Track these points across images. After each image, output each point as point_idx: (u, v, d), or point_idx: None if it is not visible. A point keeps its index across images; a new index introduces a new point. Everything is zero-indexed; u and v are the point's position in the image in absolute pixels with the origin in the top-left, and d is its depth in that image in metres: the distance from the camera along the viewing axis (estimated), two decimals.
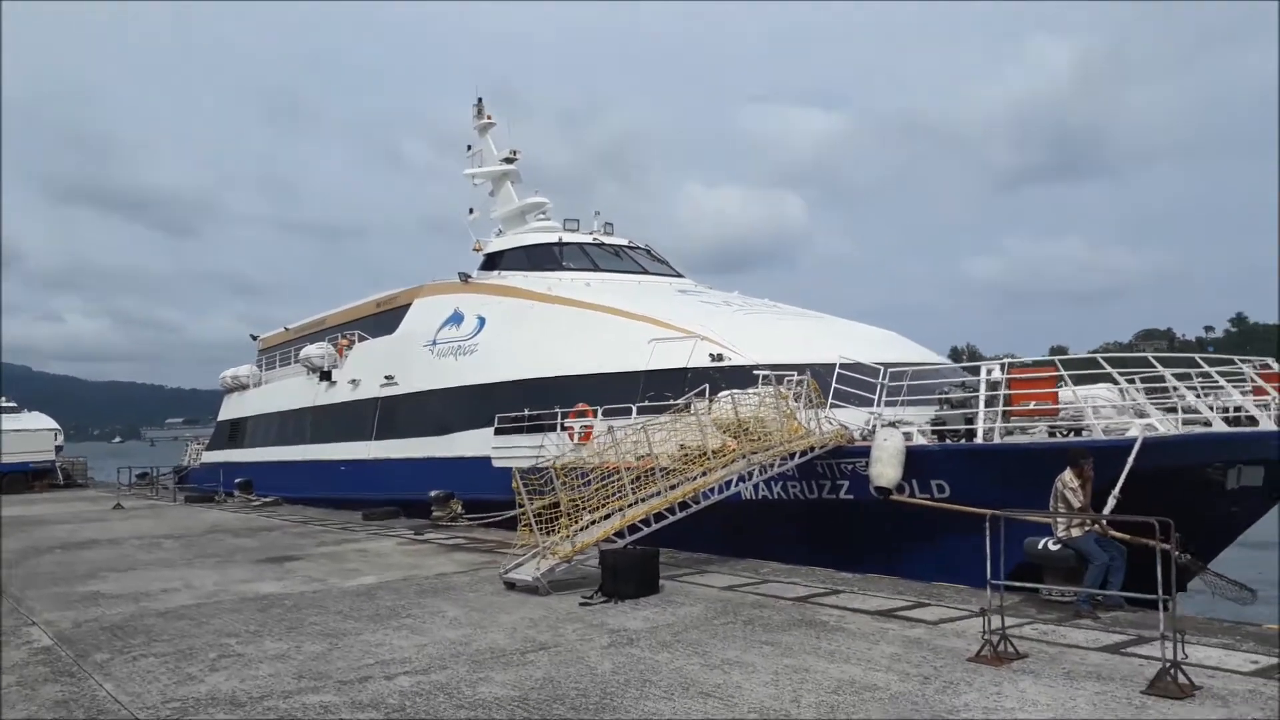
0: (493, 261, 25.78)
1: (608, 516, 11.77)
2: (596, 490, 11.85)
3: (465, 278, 25.08)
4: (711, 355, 17.61)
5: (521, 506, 11.54)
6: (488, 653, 7.96)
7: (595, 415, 18.03)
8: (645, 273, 24.84)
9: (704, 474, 12.20)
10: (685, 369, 17.85)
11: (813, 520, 14.32)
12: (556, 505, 11.70)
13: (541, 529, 11.62)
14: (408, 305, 26.79)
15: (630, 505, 11.79)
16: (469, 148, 30.64)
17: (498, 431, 20.53)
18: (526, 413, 19.91)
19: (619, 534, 11.29)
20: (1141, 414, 12.28)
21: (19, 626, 9.89)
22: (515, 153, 29.75)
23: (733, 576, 11.49)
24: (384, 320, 27.89)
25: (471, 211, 30.03)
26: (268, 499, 26.23)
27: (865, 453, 13.44)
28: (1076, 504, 9.25)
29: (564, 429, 18.76)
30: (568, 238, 25.44)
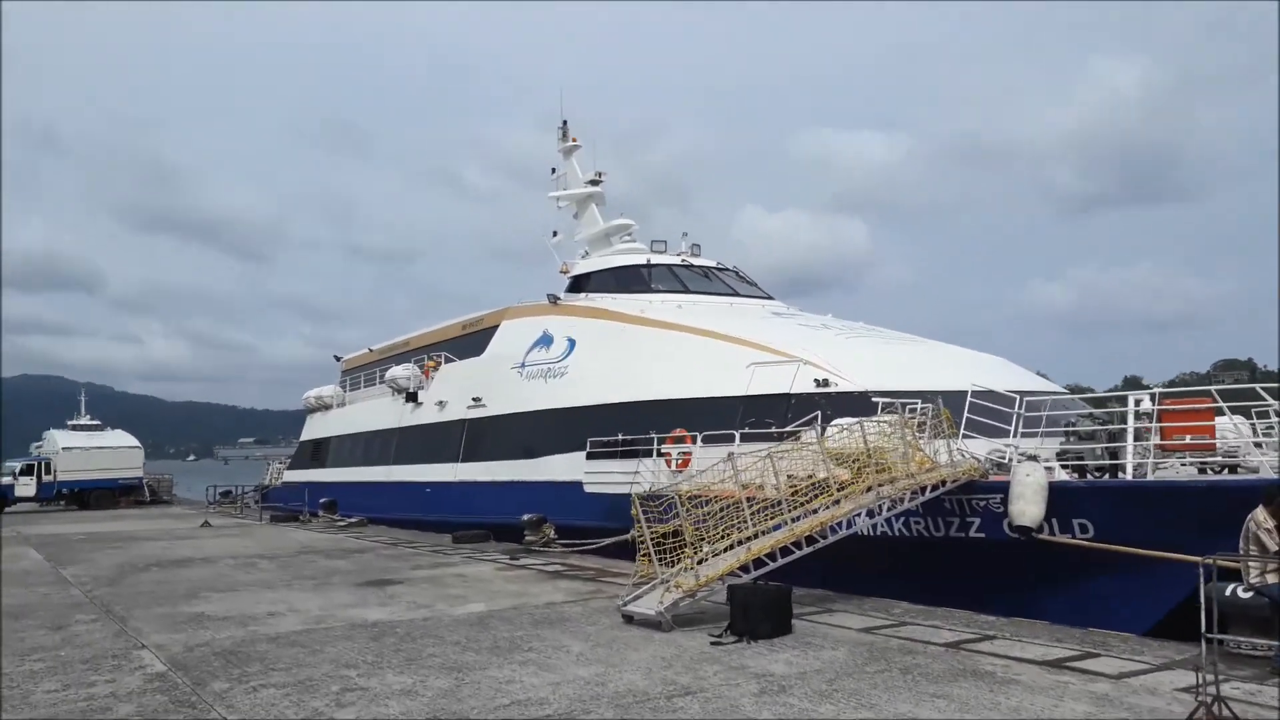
0: (580, 284, 25.42)
1: (729, 549, 11.12)
2: (715, 520, 11.22)
3: (554, 300, 24.74)
4: (816, 380, 16.92)
5: (640, 535, 10.94)
6: (628, 695, 7.35)
7: (694, 441, 17.40)
8: (735, 294, 24.27)
9: (832, 505, 11.50)
10: (788, 394, 17.18)
11: (936, 560, 13.48)
12: (673, 535, 11.11)
13: (660, 559, 11.03)
14: (495, 327, 26.53)
15: (751, 537, 11.14)
16: (553, 170, 30.49)
17: (589, 456, 20.01)
18: (620, 437, 19.38)
19: (743, 568, 10.64)
20: None
21: (129, 650, 9.56)
22: (601, 174, 29.49)
23: (864, 617, 10.74)
24: (470, 342, 27.68)
25: (555, 234, 29.83)
26: (353, 519, 26.06)
27: (1000, 488, 12.62)
28: (1273, 546, 8.36)
29: (660, 455, 18.18)
30: (656, 259, 25.00)
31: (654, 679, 7.89)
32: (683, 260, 25.11)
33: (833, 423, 14.78)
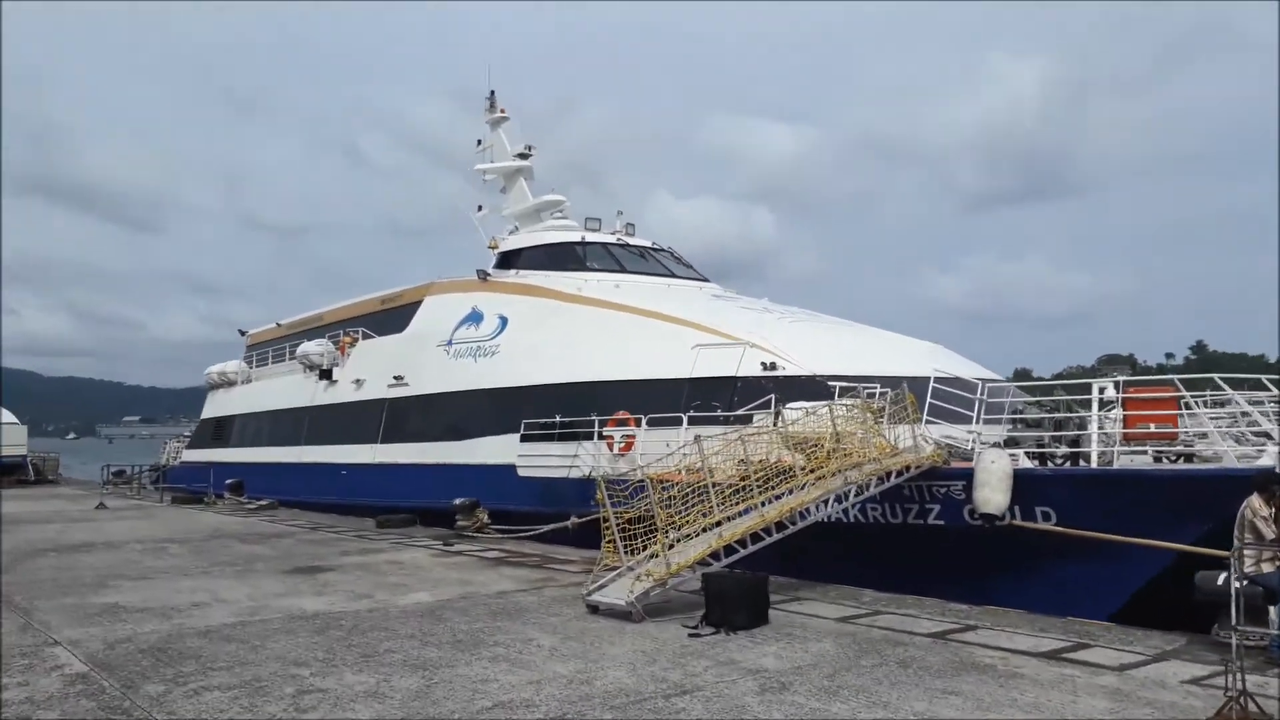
0: (509, 260, 24.53)
1: (693, 535, 10.60)
2: (680, 505, 10.67)
3: (484, 275, 23.83)
4: (763, 364, 16.53)
5: (606, 521, 10.32)
6: (620, 695, 6.76)
7: (639, 425, 16.83)
8: (672, 275, 23.72)
9: (799, 490, 11.07)
10: (734, 378, 16.76)
11: (892, 546, 13.22)
12: (638, 521, 10.53)
13: (619, 546, 10.44)
14: (418, 303, 25.45)
15: (717, 524, 10.63)
16: (479, 142, 29.40)
17: (524, 438, 19.26)
18: (558, 419, 18.68)
19: (713, 555, 10.13)
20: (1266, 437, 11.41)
21: (39, 646, 8.53)
22: (530, 148, 28.56)
23: (835, 605, 10.35)
24: (391, 318, 26.52)
25: (480, 209, 28.79)
26: (263, 502, 24.73)
27: (961, 475, 12.41)
28: (1269, 534, 8.22)
29: (602, 438, 17.56)
30: (591, 237, 24.26)
31: (641, 676, 7.30)
32: (618, 239, 24.44)
33: (787, 406, 14.42)
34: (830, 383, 14.67)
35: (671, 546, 10.48)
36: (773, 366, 16.43)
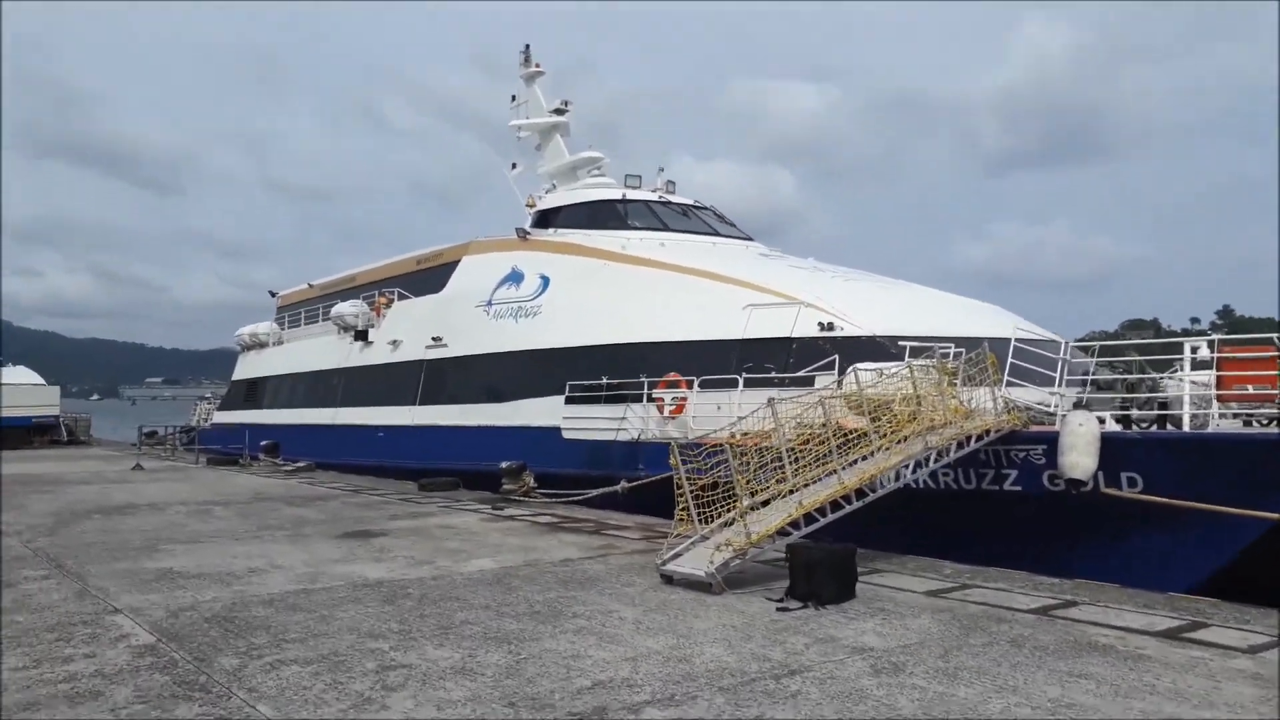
0: (547, 219, 23.97)
1: (766, 503, 10.14)
2: (754, 472, 10.19)
3: (523, 234, 23.26)
4: (820, 324, 15.96)
5: (680, 488, 9.86)
6: (725, 675, 6.32)
7: (690, 387, 16.35)
8: (716, 234, 23.09)
9: (873, 457, 10.58)
10: (790, 338, 16.21)
11: (962, 513, 12.72)
12: (710, 487, 10.06)
13: (693, 514, 9.98)
14: (455, 262, 24.96)
15: (791, 491, 10.16)
16: (513, 98, 28.74)
17: (569, 400, 18.84)
18: (605, 381, 18.23)
19: (792, 524, 9.67)
20: None
21: (100, 614, 8.18)
22: (566, 103, 27.84)
23: (916, 578, 9.86)
24: (427, 278, 26.05)
25: (515, 166, 28.22)
26: (300, 464, 24.47)
27: (1043, 439, 11.89)
28: None
29: (651, 400, 17.10)
30: (632, 194, 23.63)
31: (741, 654, 6.87)
32: (660, 197, 23.81)
33: (853, 367, 13.89)
34: (899, 343, 14.09)
35: (743, 516, 10.05)
36: (830, 327, 15.86)
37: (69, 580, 9.70)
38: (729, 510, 9.99)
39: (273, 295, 36.27)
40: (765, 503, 10.17)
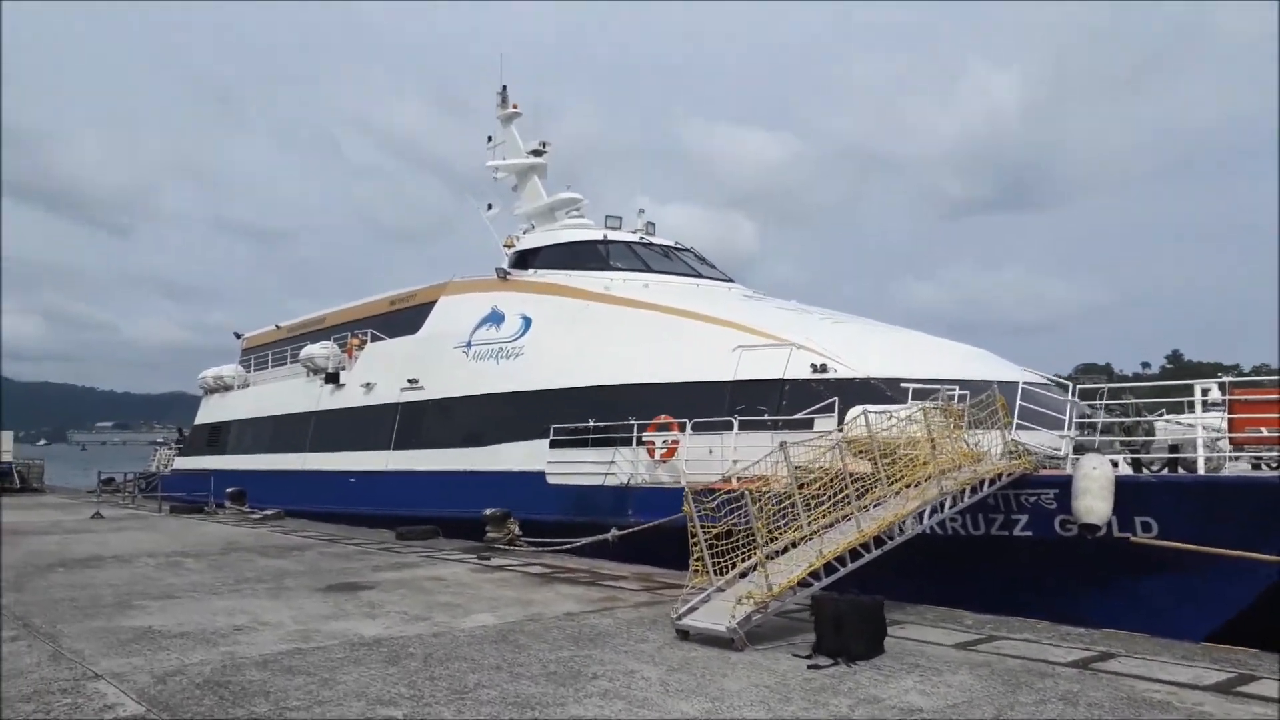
0: (525, 260, 23.59)
1: (780, 551, 9.73)
2: (767, 519, 9.78)
3: (503, 274, 22.88)
4: (814, 366, 15.70)
5: (694, 537, 9.43)
6: None
7: (683, 429, 15.95)
8: (699, 275, 22.86)
9: (891, 501, 10.24)
10: (782, 380, 15.92)
11: (968, 560, 12.40)
12: (724, 536, 9.65)
13: (708, 565, 9.56)
14: (431, 303, 24.47)
15: (805, 539, 9.77)
16: (489, 139, 28.53)
17: (553, 444, 18.36)
18: (591, 424, 17.79)
19: (813, 574, 9.27)
20: None
21: (79, 681, 7.54)
22: (545, 144, 27.63)
23: (939, 629, 9.52)
24: (401, 319, 25.51)
25: (490, 207, 27.88)
26: (268, 511, 23.64)
27: (1052, 483, 11.64)
28: None
29: (641, 443, 16.69)
30: (612, 235, 23.35)
31: (783, 719, 6.43)
32: (640, 238, 23.58)
33: (862, 409, 13.61)
34: (901, 385, 13.84)
35: (759, 567, 9.65)
36: (824, 368, 15.60)
37: (40, 641, 9.02)
38: (742, 559, 9.60)
39: (238, 337, 35.46)
40: (779, 551, 9.78)
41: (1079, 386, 12.37)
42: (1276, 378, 11.56)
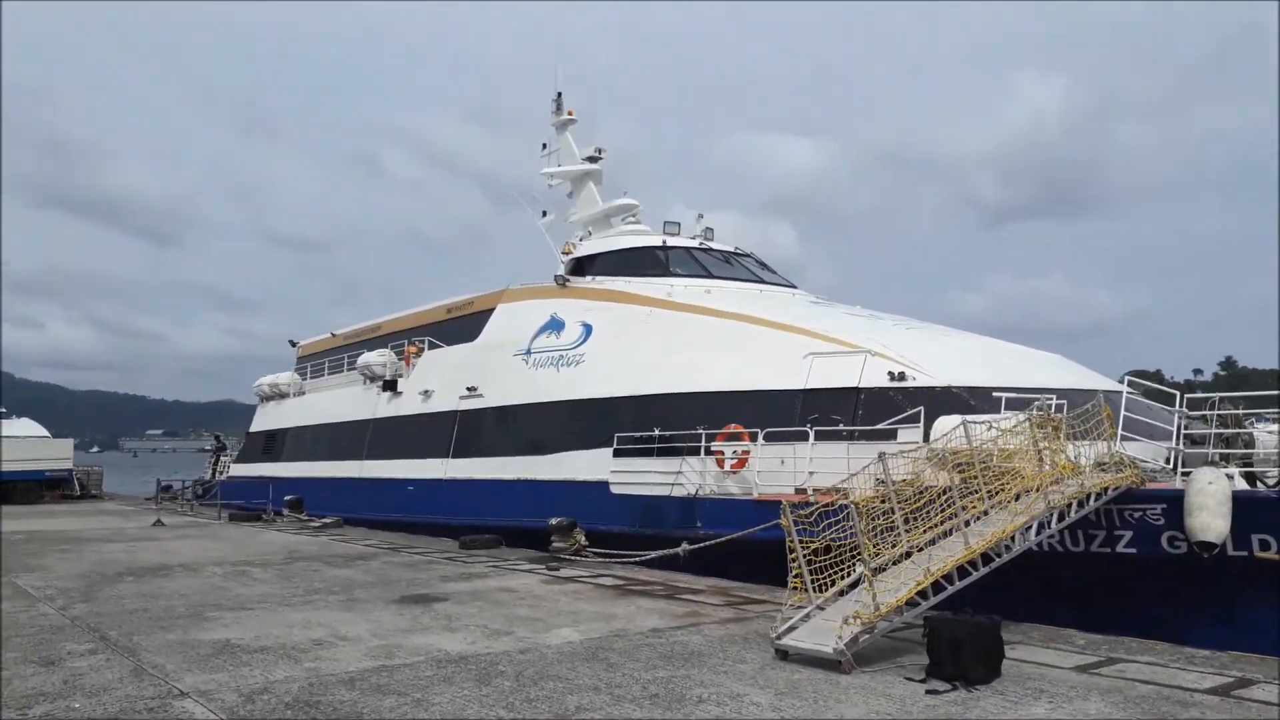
0: (582, 266, 23.25)
1: (879, 569, 9.24)
2: (877, 535, 9.29)
3: (563, 281, 22.57)
4: (890, 374, 15.16)
5: (793, 554, 8.98)
6: None
7: (754, 439, 15.48)
8: (760, 281, 22.40)
9: (995, 516, 9.73)
10: (857, 389, 15.40)
11: (1066, 577, 11.81)
12: (824, 550, 9.19)
13: (807, 583, 9.10)
14: (489, 310, 24.24)
15: (907, 554, 9.29)
16: (544, 146, 28.30)
17: (617, 453, 17.97)
18: (657, 433, 17.38)
19: (920, 593, 8.79)
20: None
21: (165, 699, 7.26)
22: (600, 151, 27.36)
23: (1050, 650, 9.00)
24: (459, 326, 25.31)
25: (545, 214, 27.65)
26: (327, 520, 23.50)
27: (1160, 498, 11.04)
28: None
29: (709, 453, 16.26)
30: (672, 241, 22.96)
31: None
32: (700, 243, 23.17)
33: (945, 419, 13.09)
34: (994, 395, 13.27)
35: (856, 584, 9.19)
36: (901, 376, 15.06)
37: (119, 656, 8.79)
38: (842, 576, 9.13)
39: (293, 345, 35.56)
40: (878, 568, 9.30)
41: (1188, 396, 11.70)
42: None
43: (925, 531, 9.33)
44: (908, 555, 9.27)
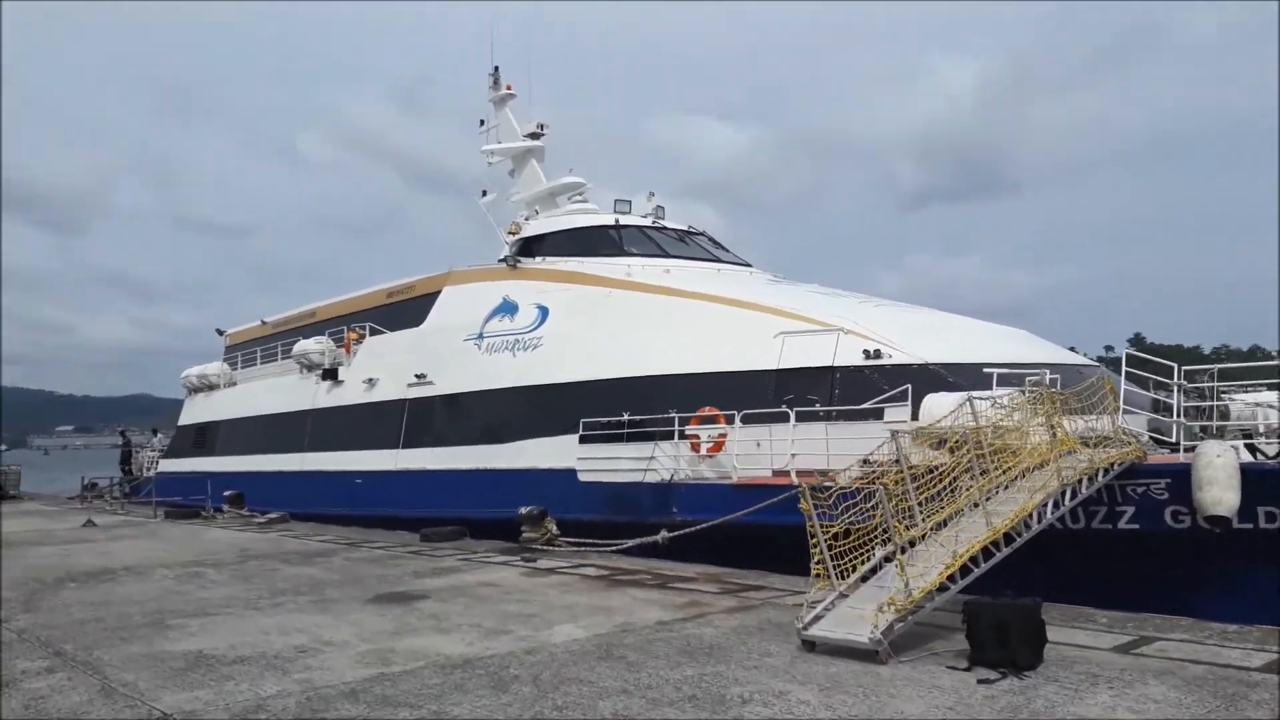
0: (530, 247, 22.47)
1: (901, 550, 8.84)
2: (881, 514, 8.88)
3: (513, 263, 21.79)
4: (866, 352, 14.86)
5: (814, 539, 8.51)
6: None
7: (732, 422, 15.01)
8: (717, 260, 21.96)
9: (1004, 494, 9.41)
10: (832, 368, 15.06)
11: (1065, 556, 11.59)
12: (843, 535, 8.75)
13: (830, 570, 8.65)
14: (434, 294, 23.34)
15: (922, 537, 8.91)
16: (482, 122, 27.41)
17: (584, 440, 17.37)
18: (626, 418, 16.82)
19: (949, 577, 8.40)
20: None
21: None
22: (543, 127, 26.56)
23: (1077, 630, 8.69)
24: (401, 311, 24.35)
25: (485, 193, 26.75)
26: (273, 515, 22.40)
27: (1164, 472, 10.88)
28: None
29: (683, 437, 15.76)
30: (624, 220, 22.35)
31: None
32: (653, 222, 22.60)
33: (928, 398, 12.80)
34: (986, 370, 12.99)
35: (878, 568, 8.79)
36: (877, 354, 14.77)
37: (81, 673, 7.92)
38: (862, 561, 8.71)
39: (220, 334, 34.04)
40: (896, 551, 8.89)
41: (1186, 369, 11.51)
42: None
43: (943, 513, 8.95)
44: (923, 538, 8.89)
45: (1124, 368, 11.72)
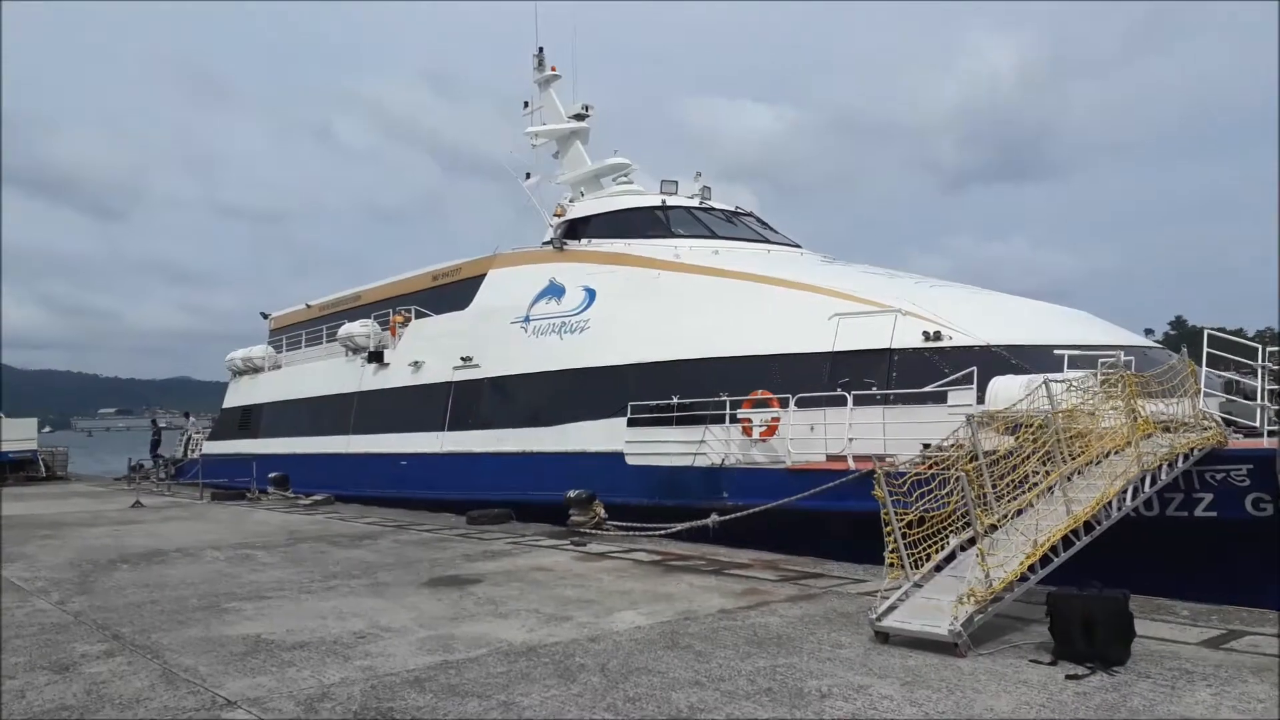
0: (576, 229, 22.20)
1: (972, 540, 8.53)
2: (957, 502, 8.56)
3: (560, 245, 21.56)
4: (926, 334, 14.44)
5: (889, 527, 8.21)
6: None
7: (786, 406, 14.69)
8: (766, 241, 21.53)
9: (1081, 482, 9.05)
10: (889, 350, 14.67)
11: (1138, 544, 11.19)
12: (918, 523, 8.44)
13: (904, 559, 8.35)
14: (480, 276, 23.16)
15: (995, 525, 8.58)
16: (525, 104, 27.17)
17: (632, 423, 17.14)
18: (675, 401, 16.56)
19: (1029, 568, 8.07)
20: None
21: (211, 710, 6.33)
22: (588, 108, 26.30)
23: (1157, 622, 8.33)
24: (447, 294, 24.21)
25: (529, 176, 26.48)
26: (318, 497, 22.45)
27: (1246, 458, 10.43)
28: None
29: (735, 421, 15.47)
30: (672, 200, 21.99)
31: None
32: (700, 202, 22.24)
33: (995, 381, 12.40)
34: (1056, 352, 12.55)
35: (952, 556, 8.49)
36: (937, 336, 14.35)
37: (141, 657, 7.83)
38: (935, 550, 8.41)
39: (265, 317, 34.20)
40: (969, 541, 8.58)
41: (1271, 350, 11.04)
42: None
43: (1022, 499, 8.61)
44: (995, 527, 8.55)
45: (1205, 349, 11.24)
